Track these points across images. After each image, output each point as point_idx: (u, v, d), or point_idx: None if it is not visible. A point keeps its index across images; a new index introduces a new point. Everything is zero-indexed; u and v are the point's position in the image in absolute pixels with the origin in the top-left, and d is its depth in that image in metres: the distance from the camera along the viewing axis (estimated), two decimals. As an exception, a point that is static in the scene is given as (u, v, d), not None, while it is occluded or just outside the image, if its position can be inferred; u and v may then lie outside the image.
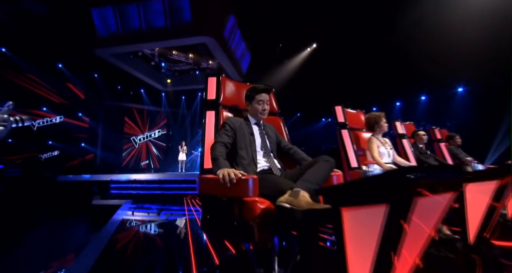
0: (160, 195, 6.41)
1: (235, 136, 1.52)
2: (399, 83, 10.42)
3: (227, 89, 1.76)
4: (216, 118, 1.61)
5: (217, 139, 1.44)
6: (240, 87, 1.85)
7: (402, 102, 10.97)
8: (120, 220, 4.85)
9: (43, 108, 10.71)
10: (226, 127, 1.53)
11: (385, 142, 2.42)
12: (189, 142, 13.38)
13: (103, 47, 8.41)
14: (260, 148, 1.56)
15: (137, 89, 12.52)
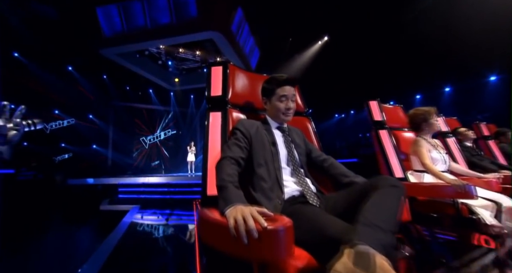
0: (168, 199, 6.09)
1: (251, 148, 1.07)
2: (419, 74, 9.61)
3: (237, 82, 1.31)
4: (223, 122, 1.16)
5: (225, 153, 1.00)
6: (254, 79, 1.39)
7: (423, 94, 10.15)
8: (126, 227, 4.57)
9: (55, 111, 10.70)
10: (237, 134, 1.08)
11: (437, 145, 1.90)
12: (198, 142, 13.10)
13: (109, 47, 8.16)
14: (286, 164, 1.10)
15: (146, 89, 12.32)
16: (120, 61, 9.05)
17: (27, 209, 6.26)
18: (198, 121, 13.64)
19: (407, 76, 10.00)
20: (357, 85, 11.92)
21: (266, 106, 1.22)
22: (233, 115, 1.21)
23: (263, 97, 1.22)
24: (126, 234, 4.17)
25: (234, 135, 1.09)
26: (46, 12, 8.71)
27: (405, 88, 10.42)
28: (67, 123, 10.95)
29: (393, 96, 11.61)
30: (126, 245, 3.54)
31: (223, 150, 1.03)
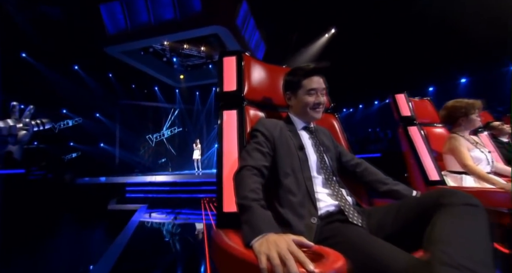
0: (176, 198, 5.99)
1: (275, 153, 0.88)
2: (432, 66, 9.17)
3: (254, 75, 1.11)
4: (239, 122, 0.97)
5: (245, 161, 0.82)
6: (273, 71, 1.19)
7: (436, 86, 9.71)
8: (135, 227, 4.51)
9: (62, 110, 10.73)
10: (258, 137, 0.89)
11: (476, 143, 1.67)
12: (204, 140, 12.99)
13: (113, 44, 8.04)
14: (317, 172, 0.91)
15: (151, 87, 12.24)
16: (125, 59, 8.94)
17: (37, 209, 6.27)
18: (204, 118, 13.52)
19: (419, 67, 9.58)
20: (365, 78, 11.55)
21: (289, 102, 1.02)
22: (250, 114, 1.02)
23: (286, 91, 1.02)
24: (135, 234, 4.14)
25: (254, 138, 0.90)
26: (51, 12, 8.70)
27: (417, 80, 10.00)
28: (75, 122, 10.99)
29: (404, 89, 11.13)
30: (135, 246, 3.52)
31: (242, 157, 0.84)
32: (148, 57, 9.64)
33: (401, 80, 10.54)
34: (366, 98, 12.21)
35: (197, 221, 5.17)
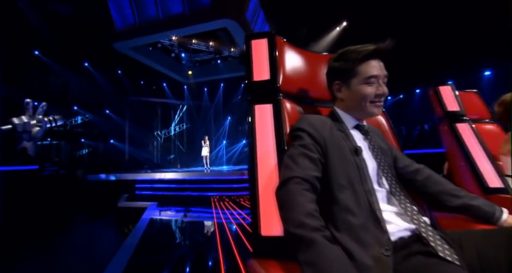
0: (186, 196, 5.88)
1: (326, 159, 0.67)
2: (451, 57, 8.65)
3: (289, 62, 0.90)
4: (276, 119, 0.77)
5: (291, 171, 0.63)
6: (311, 58, 0.98)
7: (455, 81, 9.18)
8: (146, 225, 4.44)
9: (74, 107, 10.77)
10: (303, 139, 0.70)
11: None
12: (213, 136, 12.88)
13: (122, 40, 7.93)
14: (378, 183, 0.70)
15: (160, 83, 12.16)
16: (133, 54, 8.84)
17: (51, 204, 6.30)
18: (212, 114, 13.40)
19: (437, 61, 9.09)
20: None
21: (338, 95, 0.80)
22: (288, 109, 0.82)
23: (334, 81, 0.81)
24: (147, 232, 4.11)
25: (298, 140, 0.69)
26: (62, 9, 8.70)
27: (434, 74, 9.52)
28: (86, 119, 11.04)
29: (420, 84, 10.70)
30: (147, 244, 3.50)
31: (286, 166, 0.65)
32: (156, 53, 9.52)
33: (417, 74, 10.07)
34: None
35: (207, 219, 5.06)
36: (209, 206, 5.43)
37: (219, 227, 4.17)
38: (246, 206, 5.40)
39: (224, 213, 5.22)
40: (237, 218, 4.94)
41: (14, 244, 4.11)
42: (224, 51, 9.93)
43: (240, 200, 5.65)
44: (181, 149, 13.11)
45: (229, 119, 13.66)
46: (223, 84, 13.16)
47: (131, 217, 5.00)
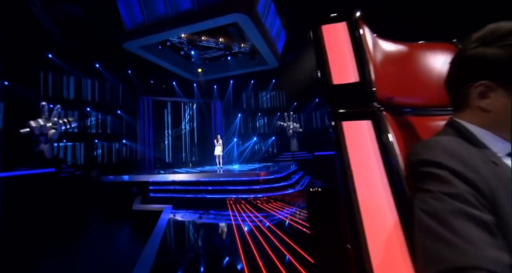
0: (200, 199, 5.72)
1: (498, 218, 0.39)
2: None
3: (383, 55, 0.63)
4: (380, 144, 0.49)
5: (458, 255, 0.35)
6: (415, 49, 0.69)
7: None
8: (163, 230, 4.32)
9: (86, 108, 10.79)
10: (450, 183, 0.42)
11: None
12: (224, 134, 12.71)
13: (131, 39, 7.77)
14: None
15: (169, 82, 12.03)
16: (143, 54, 8.69)
17: (67, 208, 6.30)
18: (223, 112, 13.21)
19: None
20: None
21: (481, 103, 0.51)
22: (395, 125, 0.54)
23: (473, 80, 0.51)
24: (165, 236, 4.00)
25: (437, 184, 0.42)
26: (73, 11, 8.64)
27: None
28: (99, 119, 11.07)
29: None
30: (168, 248, 3.50)
31: (438, 238, 0.37)
32: (166, 51, 9.33)
33: None
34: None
35: (224, 221, 4.88)
36: (225, 209, 5.25)
37: (238, 231, 4.00)
38: (263, 209, 5.18)
39: (242, 216, 5.02)
40: (254, 221, 4.74)
41: (36, 248, 4.12)
42: (234, 47, 9.63)
43: (257, 202, 5.43)
44: (192, 147, 13.02)
45: (240, 116, 13.43)
46: (233, 81, 12.90)
47: (147, 221, 4.90)
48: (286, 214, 4.72)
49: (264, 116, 13.88)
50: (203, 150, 13.12)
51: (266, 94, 13.75)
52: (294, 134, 12.05)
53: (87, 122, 10.82)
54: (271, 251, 3.03)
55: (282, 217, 4.48)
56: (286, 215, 4.61)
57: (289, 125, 12.00)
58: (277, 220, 4.41)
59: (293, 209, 5.16)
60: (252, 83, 13.27)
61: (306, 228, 3.62)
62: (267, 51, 8.95)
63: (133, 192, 6.82)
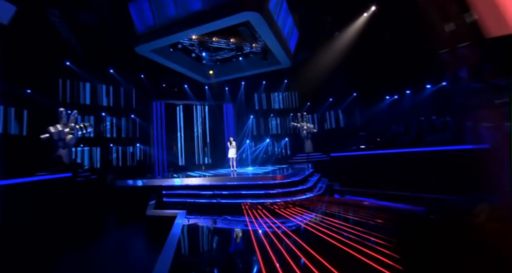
0: (215, 204, 5.49)
1: None
2: (498, 43, 7.32)
3: None
4: None
5: None
6: None
7: None
8: (177, 237, 4.11)
9: (102, 113, 10.94)
10: None
11: None
12: (236, 136, 12.52)
13: (143, 43, 7.73)
14: None
15: (181, 85, 12.02)
16: (155, 57, 8.66)
17: (82, 213, 6.27)
18: (234, 114, 13.04)
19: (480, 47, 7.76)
20: (412, 61, 9.90)
21: None
22: None
23: None
24: (179, 247, 3.79)
25: None
26: (88, 20, 8.83)
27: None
28: (113, 124, 11.19)
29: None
30: (182, 260, 3.32)
31: None
32: (177, 54, 9.26)
33: None
34: (413, 83, 10.56)
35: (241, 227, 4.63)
36: (241, 214, 4.99)
37: (257, 239, 3.73)
38: (281, 214, 4.87)
39: (258, 221, 4.74)
40: (272, 227, 4.44)
41: (48, 253, 4.07)
42: (246, 47, 9.41)
43: (274, 208, 5.13)
44: (205, 150, 12.91)
45: (252, 117, 13.19)
46: (244, 82, 12.70)
47: (161, 227, 4.73)
48: (306, 221, 4.39)
49: (277, 117, 13.57)
50: (216, 152, 13.00)
51: (279, 94, 13.45)
52: (308, 134, 11.65)
53: (102, 126, 10.95)
54: (294, 263, 2.73)
55: (303, 224, 4.16)
56: (309, 223, 4.27)
57: (302, 125, 11.61)
58: (298, 227, 4.10)
59: (311, 215, 4.82)
60: (264, 83, 13.02)
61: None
62: (280, 50, 8.66)
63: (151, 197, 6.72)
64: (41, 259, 3.84)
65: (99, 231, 5.57)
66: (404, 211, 4.63)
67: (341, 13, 10.57)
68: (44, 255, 4.02)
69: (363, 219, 4.09)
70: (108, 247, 4.67)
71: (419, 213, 4.01)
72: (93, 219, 6.19)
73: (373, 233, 3.30)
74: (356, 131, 11.79)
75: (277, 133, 13.49)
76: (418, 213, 4.06)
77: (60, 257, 3.99)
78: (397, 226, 3.52)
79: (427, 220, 3.53)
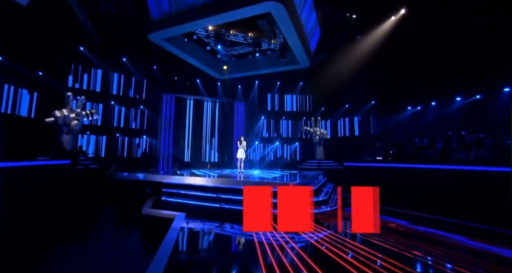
0: (218, 208, 4.86)
1: None
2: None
3: None
4: None
5: None
6: None
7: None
8: (174, 241, 3.52)
9: (111, 101, 10.58)
10: None
11: None
12: (246, 136, 11.92)
13: (157, 30, 7.23)
14: None
15: (193, 79, 11.55)
16: (168, 47, 8.18)
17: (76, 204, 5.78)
18: (246, 113, 12.47)
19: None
20: (441, 71, 9.05)
21: None
22: None
23: None
24: (175, 249, 3.23)
25: None
26: (106, 6, 8.57)
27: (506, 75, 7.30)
28: (121, 113, 10.82)
29: (483, 86, 8.41)
30: (177, 262, 2.91)
31: None
32: (192, 46, 8.75)
33: (487, 73, 7.90)
34: (441, 94, 9.66)
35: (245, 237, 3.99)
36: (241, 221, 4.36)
37: (261, 251, 3.11)
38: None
39: (266, 234, 4.08)
40: (279, 240, 3.78)
41: (28, 249, 3.60)
42: (264, 43, 8.81)
43: (284, 219, 4.45)
44: (212, 148, 12.38)
45: (263, 118, 12.58)
46: (258, 82, 12.12)
47: (157, 230, 4.15)
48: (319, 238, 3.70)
49: (289, 120, 12.90)
50: (223, 151, 12.46)
51: (292, 96, 12.79)
52: (321, 140, 10.90)
53: (110, 115, 10.60)
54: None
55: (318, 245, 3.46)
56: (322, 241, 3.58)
57: (315, 130, 10.89)
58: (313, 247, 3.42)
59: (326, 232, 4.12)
60: (278, 84, 12.40)
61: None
62: (300, 48, 8.01)
63: (147, 192, 6.18)
64: (25, 255, 3.39)
65: (90, 226, 5.05)
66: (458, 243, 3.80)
67: (367, 14, 9.84)
68: (28, 250, 3.56)
69: (395, 247, 3.32)
70: (95, 247, 4.12)
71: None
72: (88, 212, 5.70)
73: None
74: (371, 141, 10.99)
75: (288, 136, 12.81)
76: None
77: (43, 253, 3.52)
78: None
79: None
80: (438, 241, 3.87)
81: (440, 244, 3.65)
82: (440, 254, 3.17)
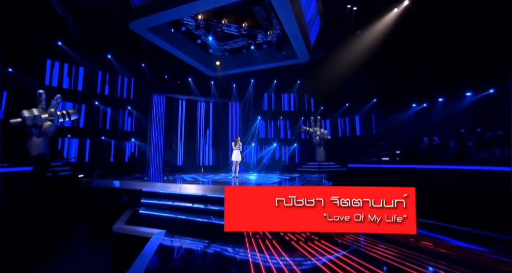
0: (206, 224, 3.88)
1: None
2: None
3: None
4: None
5: None
6: None
7: None
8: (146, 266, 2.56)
9: (95, 101, 9.55)
10: None
11: None
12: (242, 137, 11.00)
13: (139, 18, 6.29)
14: None
15: (185, 78, 10.62)
16: (152, 38, 7.25)
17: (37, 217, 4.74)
18: (241, 113, 11.57)
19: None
20: (449, 65, 8.31)
21: None
22: None
23: None
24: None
25: None
26: (88, 1, 7.67)
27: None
28: (107, 114, 9.79)
29: (492, 82, 7.71)
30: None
31: None
32: (180, 38, 7.83)
33: (490, 69, 7.20)
34: (449, 89, 8.91)
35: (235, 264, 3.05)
36: (240, 244, 3.41)
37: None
38: (299, 249, 3.27)
39: (264, 258, 3.15)
40: (282, 268, 2.85)
41: None
42: (259, 35, 7.94)
43: (291, 238, 3.51)
44: (205, 151, 11.40)
45: (259, 119, 11.67)
46: (254, 80, 11.26)
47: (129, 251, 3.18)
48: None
49: (287, 120, 12.02)
50: (218, 154, 11.51)
51: (290, 96, 11.94)
52: (321, 141, 10.02)
53: (96, 116, 9.56)
54: None
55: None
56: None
57: (315, 131, 10.00)
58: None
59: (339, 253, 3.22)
60: (275, 83, 11.54)
61: None
62: (299, 38, 7.15)
63: (123, 202, 5.18)
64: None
65: (49, 245, 4.03)
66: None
67: (368, 6, 9.11)
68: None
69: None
70: None
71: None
72: (51, 227, 4.67)
73: None
74: (375, 141, 10.19)
75: (286, 137, 11.92)
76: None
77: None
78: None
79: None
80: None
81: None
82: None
